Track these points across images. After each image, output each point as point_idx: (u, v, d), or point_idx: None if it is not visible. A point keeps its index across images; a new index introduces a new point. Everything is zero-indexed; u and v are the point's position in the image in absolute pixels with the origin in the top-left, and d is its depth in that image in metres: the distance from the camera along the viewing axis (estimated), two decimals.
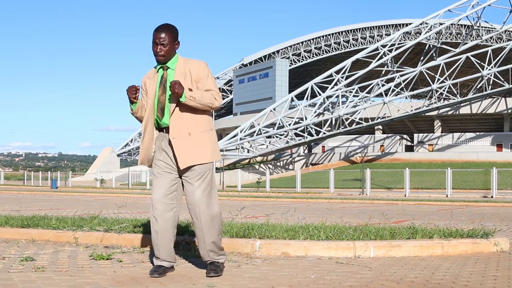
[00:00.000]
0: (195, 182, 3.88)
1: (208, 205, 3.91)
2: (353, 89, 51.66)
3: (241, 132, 53.54)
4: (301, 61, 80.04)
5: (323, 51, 79.68)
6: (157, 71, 4.02)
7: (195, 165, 3.88)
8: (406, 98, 50.83)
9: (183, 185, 3.98)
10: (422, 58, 54.98)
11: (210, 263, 3.97)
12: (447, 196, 23.92)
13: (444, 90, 48.53)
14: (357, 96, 52.04)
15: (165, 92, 3.92)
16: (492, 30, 61.19)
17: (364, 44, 77.55)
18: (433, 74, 48.86)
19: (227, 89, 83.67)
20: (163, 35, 3.90)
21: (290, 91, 67.60)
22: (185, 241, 5.12)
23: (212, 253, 3.94)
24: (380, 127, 61.45)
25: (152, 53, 3.97)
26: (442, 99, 49.65)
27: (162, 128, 3.97)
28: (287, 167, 60.46)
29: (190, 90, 3.84)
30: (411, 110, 50.07)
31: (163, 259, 3.97)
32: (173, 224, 3.98)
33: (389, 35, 71.07)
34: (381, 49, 52.63)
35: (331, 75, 52.79)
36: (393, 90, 50.21)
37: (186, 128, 3.87)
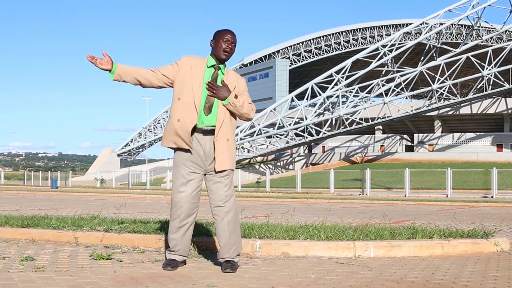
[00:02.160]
0: (225, 180, 4.10)
1: (233, 203, 4.14)
2: (353, 89, 51.65)
3: (241, 132, 53.54)
4: (301, 61, 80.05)
5: (323, 51, 79.70)
6: (208, 67, 4.15)
7: (227, 169, 4.11)
8: (406, 98, 50.83)
9: (207, 183, 4.18)
10: (422, 58, 54.96)
11: (226, 261, 4.11)
12: (447, 196, 23.91)
13: (444, 90, 48.52)
14: (357, 96, 52.04)
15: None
16: (492, 30, 61.18)
17: (364, 44, 77.57)
18: (433, 74, 48.85)
19: None
20: (234, 37, 4.16)
21: (290, 91, 67.65)
22: None
23: (234, 249, 4.11)
24: (380, 127, 61.46)
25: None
26: (442, 99, 49.64)
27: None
28: (287, 167, 60.46)
29: (236, 97, 4.08)
30: (411, 110, 50.07)
31: (178, 252, 4.17)
32: (193, 220, 4.21)
33: (389, 35, 71.12)
34: (381, 49, 52.62)
35: (331, 75, 52.78)
36: (393, 90, 50.21)
37: (226, 133, 4.09)
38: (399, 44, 53.76)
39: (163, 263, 4.20)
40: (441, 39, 55.79)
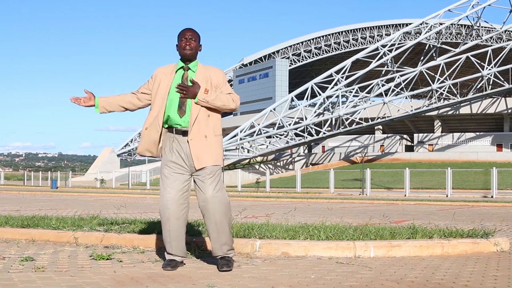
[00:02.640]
0: (208, 180, 4.06)
1: (221, 201, 4.10)
2: (353, 89, 51.64)
3: (241, 132, 53.53)
4: (301, 61, 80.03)
5: (323, 51, 79.68)
6: (176, 70, 4.19)
7: (208, 166, 4.07)
8: (406, 98, 50.82)
9: (194, 183, 4.16)
10: (422, 58, 54.95)
11: (221, 258, 4.14)
12: (447, 196, 23.91)
13: (444, 90, 48.52)
14: (357, 96, 52.03)
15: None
16: (492, 30, 61.17)
17: (364, 44, 77.55)
18: (433, 74, 48.85)
19: None
20: (191, 32, 4.20)
21: (290, 91, 67.63)
22: (186, 241, 5.11)
23: (225, 246, 4.14)
24: (380, 127, 61.45)
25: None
26: (442, 99, 49.64)
27: (171, 128, 4.13)
28: (287, 167, 60.46)
29: (206, 91, 4.05)
30: (411, 110, 50.07)
31: (175, 254, 4.18)
32: (184, 222, 4.18)
33: (389, 35, 71.10)
34: (381, 49, 52.61)
35: (331, 75, 52.77)
36: (393, 90, 50.20)
37: (203, 131, 4.07)
38: (399, 44, 53.75)
39: (163, 263, 4.22)
40: (441, 39, 55.78)
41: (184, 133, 4.09)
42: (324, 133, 51.61)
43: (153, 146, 4.15)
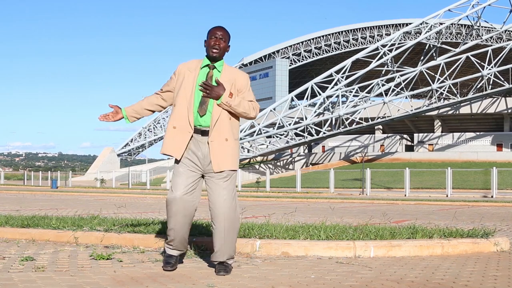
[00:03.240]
0: (223, 183, 3.99)
1: (232, 207, 4.00)
2: (353, 89, 51.65)
3: (241, 132, 53.51)
4: (301, 61, 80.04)
5: (323, 51, 79.68)
6: (202, 67, 4.08)
7: (226, 170, 3.99)
8: (406, 98, 50.82)
9: (206, 184, 4.08)
10: (422, 58, 54.95)
11: (219, 263, 4.04)
12: (447, 196, 23.92)
13: (444, 90, 48.52)
14: (357, 96, 52.04)
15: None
16: (492, 30, 61.17)
17: (364, 44, 77.56)
18: (433, 74, 48.85)
19: None
20: (222, 31, 4.08)
21: (290, 91, 67.64)
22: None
23: (227, 255, 4.03)
24: (380, 127, 61.45)
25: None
26: (442, 99, 49.64)
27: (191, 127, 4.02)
28: (287, 167, 60.47)
29: (231, 95, 3.96)
30: (411, 110, 50.08)
31: (175, 247, 4.13)
32: (190, 220, 4.12)
33: (389, 35, 71.09)
34: (381, 49, 52.62)
35: (331, 75, 52.78)
36: (393, 90, 50.20)
37: (224, 133, 3.98)
38: (399, 44, 53.75)
39: (162, 261, 4.19)
40: (441, 39, 55.78)
41: (203, 132, 3.98)
42: (324, 133, 51.62)
43: (182, 147, 3.99)
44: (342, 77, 52.24)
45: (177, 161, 4.06)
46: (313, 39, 79.67)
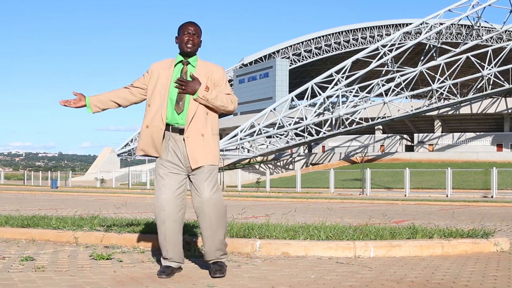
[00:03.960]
0: (205, 182, 3.87)
1: (217, 203, 3.89)
2: (353, 89, 51.66)
3: (241, 132, 53.54)
4: (301, 61, 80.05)
5: (323, 51, 79.69)
6: (175, 64, 3.99)
7: (205, 165, 3.88)
8: (406, 98, 50.83)
9: (189, 183, 3.97)
10: (422, 58, 54.97)
11: (213, 263, 3.94)
12: (447, 196, 23.92)
13: (444, 90, 48.53)
14: (357, 96, 52.04)
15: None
16: (492, 30, 61.19)
17: (364, 44, 77.57)
18: (433, 74, 48.85)
19: None
20: (194, 27, 4.00)
21: (290, 91, 67.65)
22: (185, 241, 5.10)
23: (219, 251, 3.94)
24: (380, 127, 61.46)
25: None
26: (442, 99, 49.65)
27: (167, 125, 3.90)
28: (287, 167, 60.46)
29: (207, 89, 3.87)
30: (411, 110, 50.07)
31: (171, 259, 3.96)
32: (180, 225, 3.97)
33: (389, 35, 71.11)
34: (381, 49, 52.63)
35: (331, 75, 52.79)
36: (393, 90, 50.21)
37: (200, 129, 3.88)
38: (399, 44, 53.76)
39: (158, 270, 3.98)
40: (441, 39, 55.79)
41: (181, 131, 3.89)
42: (324, 133, 51.62)
43: (156, 146, 3.91)
44: (342, 77, 52.24)
45: (157, 164, 3.96)
46: (313, 39, 79.69)
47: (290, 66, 77.80)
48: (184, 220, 4.04)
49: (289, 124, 52.19)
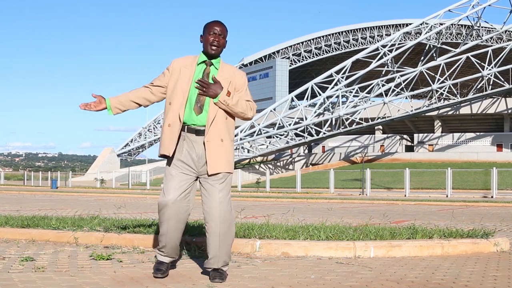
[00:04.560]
0: (218, 185, 3.81)
1: (228, 210, 3.83)
2: (353, 89, 51.65)
3: (241, 132, 53.54)
4: (301, 61, 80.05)
5: (323, 51, 79.69)
6: (198, 64, 3.88)
7: (221, 172, 3.81)
8: (406, 98, 50.82)
9: (201, 186, 3.89)
10: (422, 58, 54.96)
11: (213, 269, 3.84)
12: (447, 196, 23.91)
13: (444, 90, 48.52)
14: (357, 96, 52.04)
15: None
16: (492, 30, 61.18)
17: (364, 44, 77.57)
18: (433, 74, 48.85)
19: None
20: (221, 27, 3.87)
21: (290, 91, 67.66)
22: (185, 241, 5.11)
23: (222, 261, 3.83)
24: (380, 127, 61.45)
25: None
26: (442, 99, 49.64)
27: (183, 125, 3.82)
28: (287, 167, 60.45)
29: (228, 94, 3.77)
30: (411, 110, 50.07)
31: (167, 254, 3.95)
32: (183, 225, 3.93)
33: (389, 35, 71.13)
34: (381, 49, 52.62)
35: (331, 75, 52.78)
36: (393, 90, 50.21)
37: (220, 134, 3.79)
38: (399, 44, 53.76)
39: (153, 268, 3.94)
40: (441, 39, 55.78)
41: (198, 132, 3.79)
42: (324, 133, 51.61)
43: (173, 143, 3.80)
44: (342, 77, 52.24)
45: (169, 162, 3.87)
46: (313, 39, 79.69)
47: (290, 66, 77.81)
48: (187, 219, 4.00)
49: (289, 124, 52.19)
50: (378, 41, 66.37)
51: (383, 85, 51.00)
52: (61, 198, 20.26)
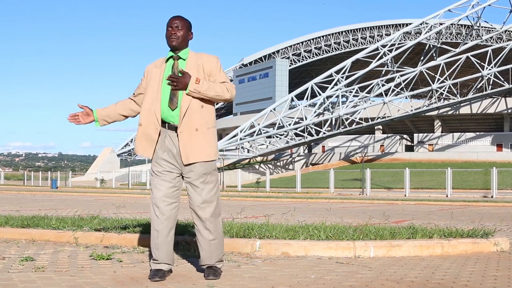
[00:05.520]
0: (199, 184, 3.79)
1: (213, 207, 3.83)
2: (353, 89, 51.66)
3: (241, 132, 53.54)
4: (301, 61, 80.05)
5: (323, 51, 79.70)
6: (166, 61, 3.92)
7: (197, 163, 3.77)
8: (406, 98, 50.83)
9: (186, 183, 3.90)
10: (422, 58, 54.97)
11: (208, 267, 3.87)
12: (447, 196, 23.92)
13: (444, 90, 48.53)
14: (357, 96, 52.05)
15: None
16: (492, 30, 61.19)
17: (364, 44, 77.57)
18: (433, 74, 48.86)
19: None
20: (177, 20, 3.90)
21: (290, 91, 67.62)
22: (185, 241, 5.11)
23: (214, 258, 3.86)
24: (380, 127, 61.45)
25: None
26: (442, 99, 49.65)
27: (163, 123, 3.82)
28: (287, 167, 60.45)
29: (198, 81, 3.75)
30: (411, 110, 50.08)
31: (162, 261, 3.83)
32: (173, 222, 3.89)
33: (389, 35, 71.08)
34: (381, 49, 52.62)
35: (331, 75, 52.79)
36: (393, 90, 50.21)
37: (194, 123, 3.77)
38: (399, 44, 53.76)
39: (149, 274, 3.83)
40: (441, 39, 55.81)
41: (176, 128, 3.79)
42: (324, 133, 51.62)
43: (152, 145, 3.81)
44: (342, 77, 52.24)
45: (152, 161, 3.87)
46: (313, 39, 79.69)
47: (290, 66, 77.79)
48: (177, 218, 3.96)
49: (289, 124, 52.19)
50: (378, 41, 66.35)
51: (383, 85, 51.01)
52: (61, 198, 20.26)
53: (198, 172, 3.79)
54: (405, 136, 61.78)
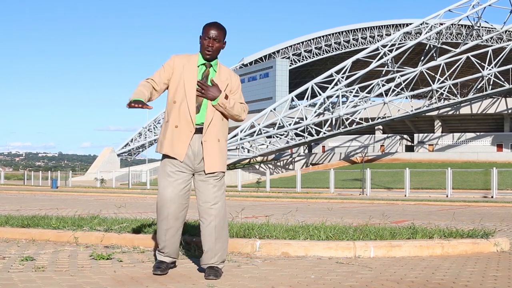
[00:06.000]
0: (213, 181, 3.92)
1: (223, 206, 3.94)
2: (353, 89, 51.64)
3: (241, 132, 53.53)
4: (301, 61, 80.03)
5: (323, 51, 79.68)
6: (198, 65, 3.94)
7: (216, 172, 3.92)
8: (406, 98, 50.82)
9: (195, 182, 3.98)
10: (422, 58, 54.96)
11: (209, 267, 3.90)
12: (447, 196, 23.91)
13: (444, 90, 48.52)
14: (357, 96, 52.03)
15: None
16: (493, 30, 61.18)
17: (365, 44, 77.56)
18: (434, 74, 48.85)
19: None
20: (217, 31, 3.90)
21: (290, 91, 67.61)
22: (185, 241, 5.11)
23: (217, 257, 3.90)
24: (380, 127, 61.45)
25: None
26: (442, 99, 49.64)
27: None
28: (287, 167, 60.45)
29: (226, 97, 3.89)
30: (411, 110, 50.07)
31: (167, 254, 4.00)
32: (182, 223, 4.01)
33: (389, 35, 71.09)
34: (382, 49, 52.61)
35: (331, 75, 52.77)
36: (393, 90, 50.20)
37: (217, 134, 3.91)
38: (399, 44, 53.74)
39: (153, 267, 4.00)
40: (441, 39, 55.77)
41: (196, 130, 3.87)
42: (324, 133, 51.61)
43: (185, 147, 3.85)
44: (342, 77, 52.23)
45: (165, 159, 3.93)
46: (313, 39, 79.68)
47: (290, 66, 77.76)
48: (185, 219, 4.06)
49: (289, 124, 52.18)
50: (378, 41, 66.35)
51: (383, 85, 50.99)
52: (61, 198, 20.26)
53: (216, 177, 3.93)
54: (405, 136, 61.78)
